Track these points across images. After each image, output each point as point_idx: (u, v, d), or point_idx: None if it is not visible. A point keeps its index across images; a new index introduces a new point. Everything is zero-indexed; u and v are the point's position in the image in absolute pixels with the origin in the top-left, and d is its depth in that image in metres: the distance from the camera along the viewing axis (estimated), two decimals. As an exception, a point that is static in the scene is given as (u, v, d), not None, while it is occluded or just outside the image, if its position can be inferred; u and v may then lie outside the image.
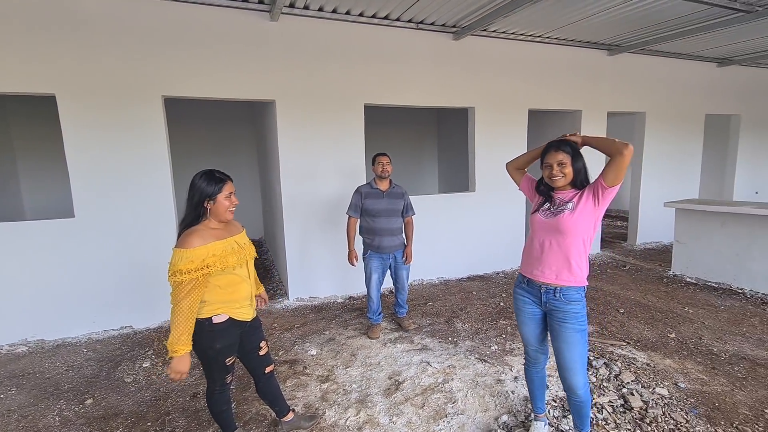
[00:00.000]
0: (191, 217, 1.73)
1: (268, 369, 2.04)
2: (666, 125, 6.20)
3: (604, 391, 2.51)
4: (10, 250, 3.31)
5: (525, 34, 4.83)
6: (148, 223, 3.64)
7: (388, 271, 3.42)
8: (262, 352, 2.00)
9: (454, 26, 4.44)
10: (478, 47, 4.73)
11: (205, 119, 6.87)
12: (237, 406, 2.46)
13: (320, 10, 3.89)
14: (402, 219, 3.40)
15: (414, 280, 4.73)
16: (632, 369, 2.76)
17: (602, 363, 2.83)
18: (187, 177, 1.86)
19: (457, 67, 4.67)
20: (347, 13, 3.98)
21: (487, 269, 5.19)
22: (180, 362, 1.67)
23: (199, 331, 1.73)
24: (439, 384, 2.65)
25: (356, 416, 2.34)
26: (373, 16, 4.09)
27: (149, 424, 2.35)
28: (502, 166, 2.17)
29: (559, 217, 1.77)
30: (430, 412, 2.37)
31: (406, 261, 3.40)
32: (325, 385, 2.68)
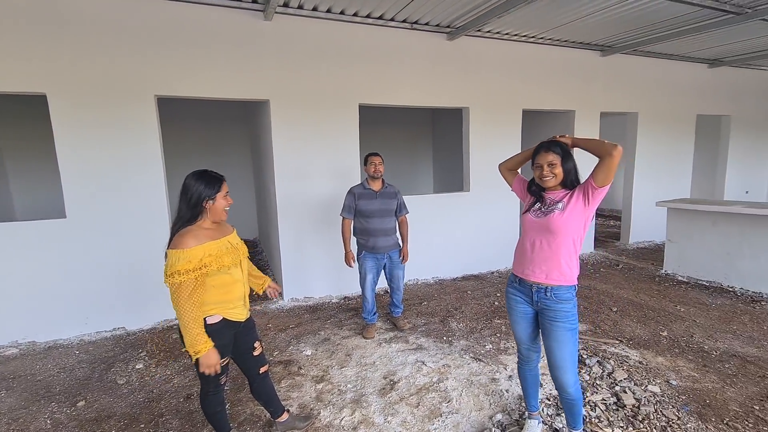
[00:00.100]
0: (189, 216, 1.72)
1: (262, 369, 2.04)
2: (658, 125, 6.26)
3: (597, 389, 2.53)
4: (1, 252, 3.27)
5: (519, 35, 4.85)
6: (141, 223, 3.61)
7: (382, 271, 3.42)
8: (256, 352, 2.00)
9: (448, 26, 4.45)
10: (473, 47, 4.75)
11: (198, 119, 6.82)
12: (231, 407, 2.45)
13: (314, 9, 3.88)
14: (396, 218, 3.40)
15: (409, 280, 4.73)
16: (625, 367, 2.78)
17: (595, 361, 2.85)
18: (180, 177, 1.85)
19: (452, 68, 4.68)
20: (341, 12, 3.97)
21: (481, 269, 5.21)
22: (207, 358, 1.67)
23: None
24: (434, 383, 2.65)
25: (351, 416, 2.34)
26: (368, 16, 4.09)
27: (142, 426, 2.33)
28: (497, 166, 2.19)
29: (550, 216, 1.79)
30: (425, 411, 2.37)
31: (404, 260, 3.41)
32: (320, 386, 2.68)
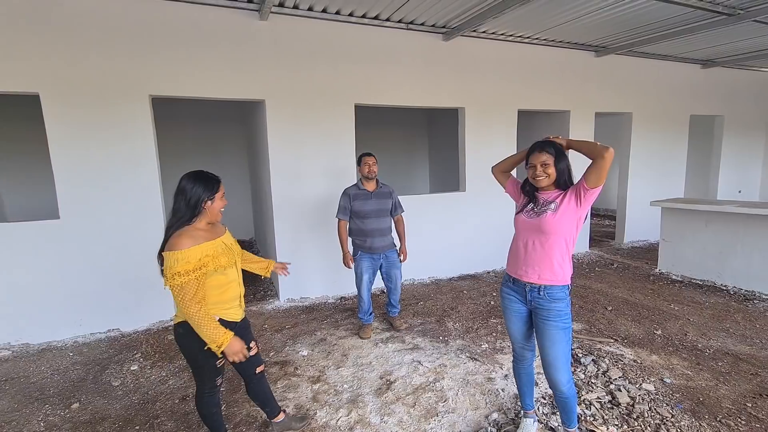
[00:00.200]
0: (187, 216, 1.71)
1: (258, 369, 2.03)
2: (652, 125, 6.31)
3: (592, 388, 2.54)
4: (-7, 253, 3.25)
5: (514, 35, 4.87)
6: (135, 224, 3.59)
7: (378, 271, 3.42)
8: (252, 352, 1.99)
9: (443, 27, 4.46)
10: (468, 48, 4.76)
11: (194, 119, 6.79)
12: (227, 409, 2.44)
13: (310, 9, 3.88)
14: (391, 218, 3.41)
15: (405, 280, 4.73)
16: (620, 365, 2.80)
17: (590, 360, 2.87)
18: (175, 177, 1.84)
19: (447, 68, 4.69)
20: (337, 13, 3.97)
21: (477, 268, 5.22)
22: (231, 347, 1.69)
23: (189, 332, 1.71)
24: (430, 383, 2.66)
25: (347, 416, 2.34)
26: (363, 16, 4.09)
27: (137, 428, 2.32)
28: (492, 167, 2.20)
29: (542, 217, 1.81)
30: (422, 411, 2.38)
31: (403, 259, 3.42)
32: (316, 386, 2.67)
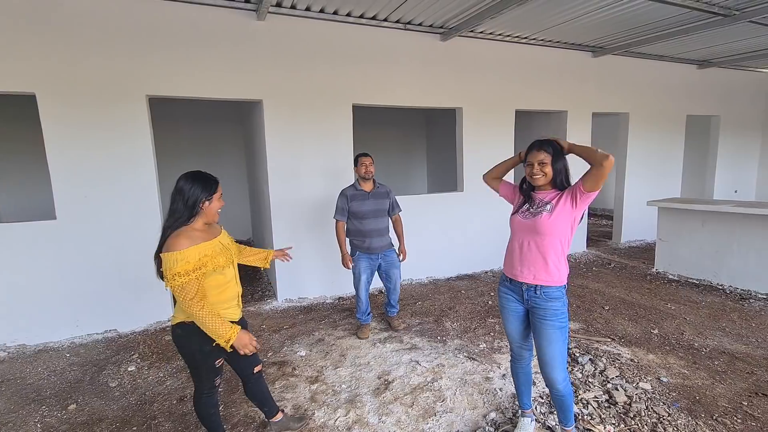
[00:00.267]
0: (185, 217, 1.71)
1: (256, 369, 2.03)
2: (649, 126, 6.33)
3: (589, 387, 2.55)
4: (-11, 253, 3.23)
5: (512, 36, 4.88)
6: (132, 224, 3.58)
7: (376, 271, 3.42)
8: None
9: (441, 27, 4.46)
10: (466, 48, 4.77)
11: (191, 119, 6.77)
12: (225, 409, 2.43)
13: (307, 9, 3.87)
14: (389, 218, 3.41)
15: (403, 280, 4.73)
16: (617, 365, 2.81)
17: (588, 359, 2.88)
18: (172, 178, 1.84)
19: (445, 68, 4.69)
20: (335, 13, 3.97)
21: (475, 268, 5.23)
22: (240, 340, 1.70)
23: (187, 333, 1.71)
24: (428, 383, 2.66)
25: (345, 416, 2.34)
26: (361, 17, 4.09)
27: (135, 429, 2.31)
28: (490, 166, 2.21)
29: (537, 218, 1.82)
30: (420, 410, 2.38)
31: (403, 258, 3.43)
32: (314, 386, 2.67)
